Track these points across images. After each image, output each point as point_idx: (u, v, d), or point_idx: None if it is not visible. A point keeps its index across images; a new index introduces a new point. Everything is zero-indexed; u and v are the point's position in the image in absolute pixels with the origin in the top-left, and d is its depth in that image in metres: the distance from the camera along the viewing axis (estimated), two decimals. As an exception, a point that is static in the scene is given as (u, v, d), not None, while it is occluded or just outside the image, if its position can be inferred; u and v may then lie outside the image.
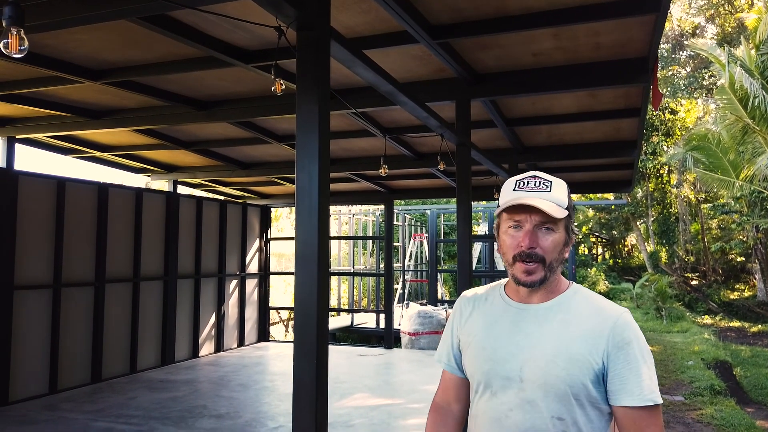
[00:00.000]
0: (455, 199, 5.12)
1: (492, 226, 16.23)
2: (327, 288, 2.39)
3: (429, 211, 14.84)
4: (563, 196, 1.47)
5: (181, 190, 9.56)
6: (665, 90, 23.03)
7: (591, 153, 7.04)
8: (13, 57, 2.20)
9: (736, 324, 18.95)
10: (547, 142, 7.00)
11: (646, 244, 25.19)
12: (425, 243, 16.00)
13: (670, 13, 21.88)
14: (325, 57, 2.42)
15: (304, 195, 2.36)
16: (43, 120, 6.15)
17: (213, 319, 9.64)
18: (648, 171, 21.89)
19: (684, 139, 19.87)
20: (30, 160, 43.45)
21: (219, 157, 8.06)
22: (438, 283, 15.39)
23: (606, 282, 23.41)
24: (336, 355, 9.26)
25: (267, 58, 4.07)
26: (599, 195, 24.34)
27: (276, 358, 9.38)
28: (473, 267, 8.70)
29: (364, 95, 4.89)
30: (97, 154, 7.72)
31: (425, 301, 14.58)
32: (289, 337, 16.09)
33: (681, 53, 26.42)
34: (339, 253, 17.03)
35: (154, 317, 8.44)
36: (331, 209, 15.10)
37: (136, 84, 4.95)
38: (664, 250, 24.43)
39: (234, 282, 10.23)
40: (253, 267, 10.77)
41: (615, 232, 28.16)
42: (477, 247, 15.78)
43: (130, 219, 8.07)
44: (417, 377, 7.89)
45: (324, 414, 2.29)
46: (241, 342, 10.32)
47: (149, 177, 9.24)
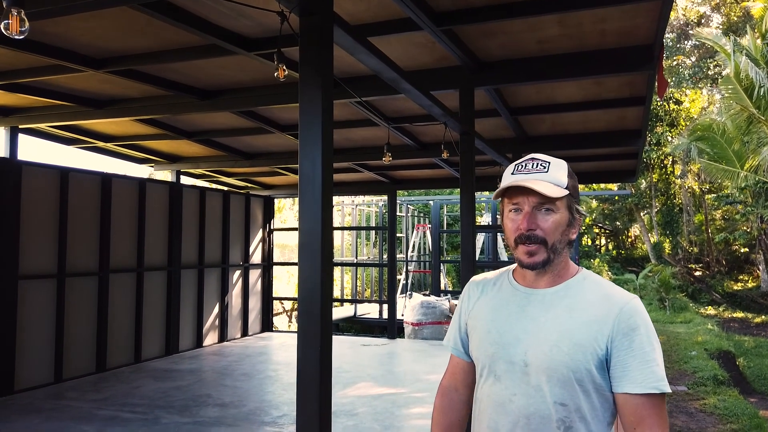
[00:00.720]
0: (458, 190, 5.10)
1: (495, 216, 16.20)
2: (331, 275, 2.38)
3: (432, 202, 14.83)
4: (562, 175, 1.45)
5: (184, 180, 9.56)
6: (670, 80, 22.89)
7: (595, 142, 7.00)
8: (14, 38, 2.18)
9: (739, 315, 18.93)
10: (551, 131, 6.96)
11: (649, 234, 25.14)
12: (428, 234, 16.00)
13: (675, 2, 21.71)
14: (329, 42, 2.40)
15: (307, 182, 2.35)
16: (46, 110, 6.14)
17: (217, 310, 9.67)
18: (652, 161, 21.81)
19: (688, 130, 19.77)
20: (33, 150, 43.53)
21: (222, 147, 8.04)
22: (441, 274, 15.40)
23: (609, 273, 23.38)
24: (339, 345, 9.28)
25: (269, 46, 4.05)
26: (603, 185, 24.27)
27: (279, 348, 9.41)
28: (476, 257, 8.69)
29: (367, 84, 4.86)
30: (100, 144, 7.72)
31: (428, 292, 14.60)
32: (293, 328, 16.15)
33: (686, 43, 26.24)
34: (342, 244, 17.04)
35: (158, 307, 8.47)
36: (334, 200, 15.06)
37: (138, 73, 4.93)
38: (667, 240, 24.38)
39: (237, 272, 10.24)
40: (257, 257, 10.78)
41: (618, 223, 28.09)
42: (480, 238, 15.77)
43: (133, 209, 8.07)
44: (420, 367, 7.91)
45: (328, 402, 2.29)
46: (245, 332, 10.35)
47: (152, 167, 9.23)
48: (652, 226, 25.08)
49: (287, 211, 24.71)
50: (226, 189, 10.33)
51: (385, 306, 11.62)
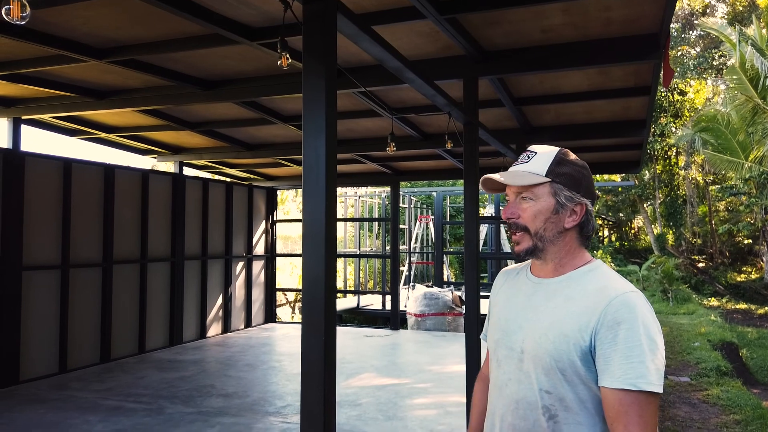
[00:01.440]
0: (461, 181, 5.10)
1: (498, 207, 16.23)
2: (334, 264, 2.38)
3: (435, 194, 14.80)
4: (543, 164, 1.47)
5: (187, 171, 9.56)
6: (675, 70, 22.75)
7: (599, 133, 6.95)
8: (16, 24, 2.16)
9: (742, 306, 18.92)
10: (556, 121, 6.92)
11: (653, 226, 25.09)
12: (431, 225, 15.99)
13: (680, -8, 21.54)
14: (332, 29, 2.38)
15: (310, 172, 2.33)
16: (49, 100, 6.13)
17: (220, 301, 9.69)
18: (656, 153, 21.72)
19: (693, 120, 19.67)
20: (36, 141, 43.58)
21: (224, 139, 8.03)
22: (444, 266, 15.41)
23: (612, 264, 23.37)
24: (342, 336, 9.30)
25: (272, 35, 4.02)
26: (606, 177, 24.20)
27: (283, 338, 9.44)
28: (479, 249, 8.68)
29: (370, 74, 4.83)
30: (103, 135, 7.71)
31: (431, 283, 14.61)
32: (296, 319, 16.20)
33: (691, 33, 26.05)
34: (345, 236, 17.05)
35: (161, 298, 8.49)
36: (337, 191, 15.05)
37: (140, 63, 4.91)
38: (671, 232, 24.33)
39: (241, 264, 10.26)
40: (260, 249, 10.80)
41: (621, 214, 28.04)
42: (483, 229, 15.75)
43: (136, 200, 8.08)
44: (423, 358, 7.92)
45: (332, 390, 2.29)
46: (249, 323, 10.38)
47: (155, 158, 9.22)
48: (655, 217, 25.02)
49: (290, 203, 24.72)
50: (228, 180, 10.33)
51: (388, 297, 11.64)
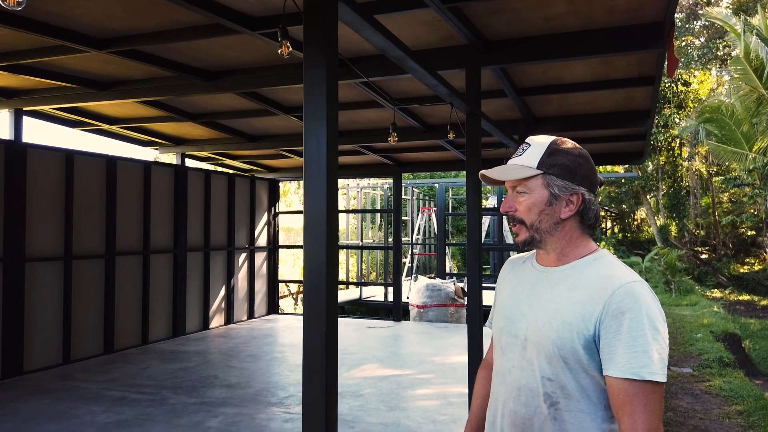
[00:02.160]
0: (464, 173, 5.06)
1: (501, 199, 16.24)
2: (335, 254, 2.37)
3: (437, 185, 14.78)
4: (533, 156, 1.47)
5: (189, 163, 9.55)
6: (679, 61, 22.61)
7: (603, 123, 6.92)
8: (13, 10, 2.15)
9: (745, 297, 18.90)
10: (559, 112, 6.89)
11: (656, 218, 25.03)
12: (434, 217, 15.97)
13: (684, -18, 21.39)
14: (333, 18, 2.36)
15: (312, 162, 2.32)
16: (50, 91, 6.11)
17: (223, 292, 9.71)
18: (659, 144, 21.63)
19: (696, 111, 19.58)
20: (38, 133, 43.58)
21: (226, 130, 8.01)
22: (446, 257, 15.40)
23: (615, 256, 23.39)
24: (345, 328, 9.33)
25: (273, 24, 4.00)
26: (609, 168, 24.11)
27: (286, 330, 9.46)
28: (482, 240, 8.67)
29: (372, 64, 4.81)
30: (105, 126, 7.70)
31: (433, 275, 14.62)
32: (299, 310, 16.23)
33: (695, 23, 25.87)
34: (347, 227, 17.05)
35: (164, 290, 8.51)
36: (339, 183, 15.08)
37: (141, 53, 4.89)
38: (674, 223, 24.28)
39: (243, 255, 10.27)
40: (262, 240, 10.80)
41: (624, 205, 27.97)
42: (486, 221, 15.74)
43: (138, 192, 8.08)
44: (425, 349, 7.94)
45: (333, 380, 2.29)
46: (251, 314, 10.41)
47: (157, 150, 9.22)
48: (658, 209, 24.97)
49: (292, 195, 24.71)
50: (230, 172, 10.32)
51: (391, 289, 11.65)
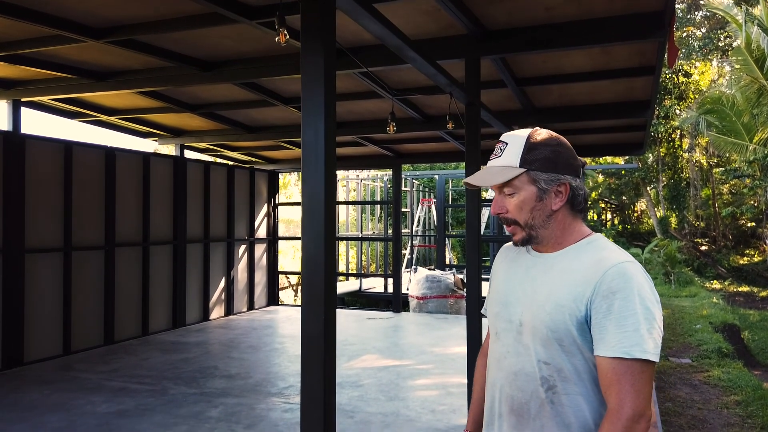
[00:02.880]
0: (464, 164, 5.04)
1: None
2: (334, 242, 2.37)
3: (437, 177, 14.75)
4: (513, 155, 1.45)
5: (188, 155, 9.53)
6: (680, 52, 22.52)
7: (603, 114, 6.89)
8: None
9: (744, 289, 18.93)
10: (558, 102, 6.87)
11: (655, 209, 25.03)
12: (433, 208, 15.96)
13: (686, -28, 21.27)
14: (331, 6, 2.34)
15: (310, 151, 2.32)
16: (48, 82, 6.08)
17: (223, 283, 9.72)
18: (660, 135, 21.59)
19: (697, 103, 19.52)
20: (36, 124, 43.49)
21: (225, 121, 7.99)
22: (446, 249, 15.41)
23: (608, 239, 23.40)
24: (345, 319, 9.35)
25: (271, 14, 3.96)
26: (609, 159, 24.08)
27: (285, 321, 9.48)
28: (482, 232, 8.67)
29: (371, 53, 4.78)
30: (103, 117, 7.67)
31: (433, 266, 14.63)
32: (299, 302, 16.26)
33: (696, 13, 25.75)
34: (347, 219, 17.05)
35: (164, 281, 8.52)
36: (339, 175, 15.07)
37: (138, 43, 4.86)
38: (674, 215, 24.28)
39: (243, 247, 10.28)
40: (262, 232, 10.80)
41: (625, 197, 27.96)
42: (485, 213, 15.72)
43: (138, 183, 8.07)
44: (425, 339, 7.96)
45: (332, 369, 2.30)
46: (251, 306, 10.43)
47: (156, 141, 9.19)
48: (658, 200, 24.96)
49: (292, 187, 24.69)
50: (230, 163, 10.30)
51: (390, 280, 11.66)
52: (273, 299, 11.08)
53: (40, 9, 4.10)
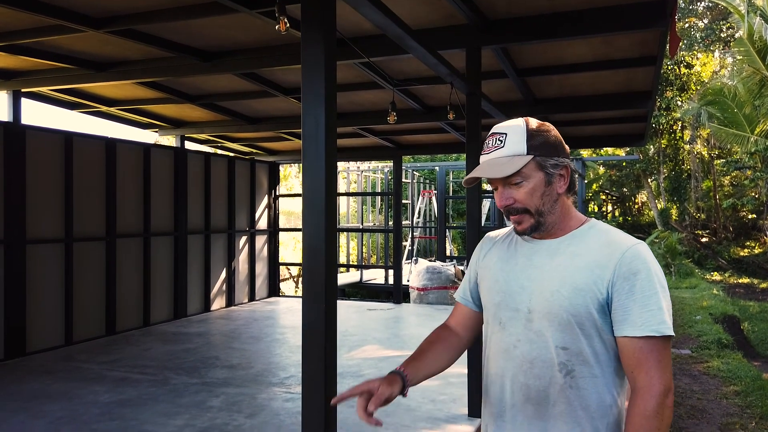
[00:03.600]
0: (464, 155, 5.01)
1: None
2: (334, 231, 2.37)
3: (438, 168, 14.74)
4: (519, 142, 1.44)
5: (189, 146, 9.52)
6: (681, 43, 22.41)
7: (604, 105, 6.88)
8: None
9: (745, 280, 18.95)
10: (559, 93, 6.85)
11: (656, 201, 25.01)
12: (434, 200, 15.96)
13: (688, -38, 21.13)
14: (331, -6, 2.34)
15: (310, 140, 2.32)
16: (48, 72, 6.07)
17: (224, 275, 9.74)
18: (661, 127, 21.53)
19: (699, 94, 19.46)
20: (37, 115, 43.40)
21: (226, 112, 7.97)
22: (446, 240, 15.42)
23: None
24: (345, 310, 9.37)
25: (272, 3, 3.94)
26: (610, 151, 24.04)
27: (287, 312, 9.51)
28: (482, 223, 8.66)
29: (371, 44, 4.76)
30: (103, 108, 7.66)
31: (434, 258, 14.65)
32: (299, 293, 16.30)
33: (698, 4, 25.61)
34: (348, 211, 17.05)
35: (165, 272, 8.54)
36: (339, 166, 15.05)
37: (138, 33, 4.85)
38: (674, 207, 24.27)
39: (244, 238, 10.29)
40: (263, 223, 10.81)
41: (625, 189, 27.94)
42: (486, 204, 15.72)
43: (138, 174, 8.07)
44: (425, 330, 7.93)
45: (333, 357, 2.31)
46: (252, 297, 10.45)
47: (156, 132, 9.18)
48: (659, 192, 24.93)
49: (293, 179, 24.68)
50: (231, 155, 10.29)
51: (391, 271, 11.68)
52: (274, 290, 11.11)
53: (39, -1, 4.09)
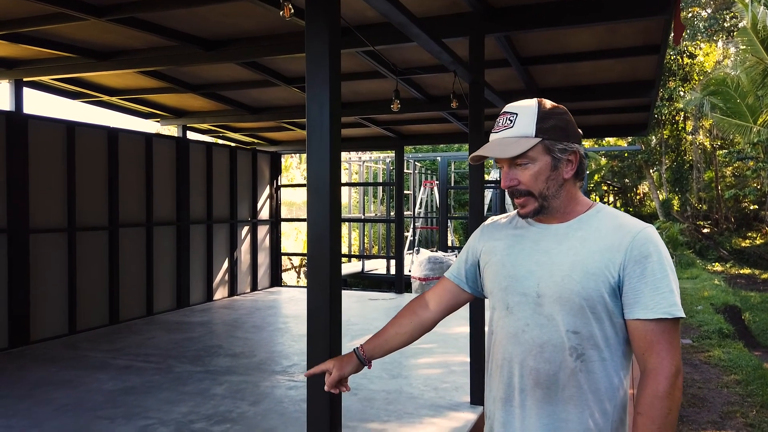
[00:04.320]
0: (467, 146, 5.02)
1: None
2: (338, 218, 2.38)
3: (439, 158, 14.72)
4: (528, 124, 1.44)
5: (191, 136, 9.51)
6: (684, 33, 22.28)
7: (607, 94, 6.86)
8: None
9: (746, 271, 18.96)
10: (562, 82, 6.83)
11: (658, 192, 24.98)
12: (436, 190, 15.95)
13: (692, -49, 20.98)
14: (336, -21, 2.32)
15: (315, 128, 2.32)
16: (49, 62, 6.06)
17: (226, 264, 9.76)
18: (663, 117, 21.46)
19: (702, 84, 19.37)
20: (39, 105, 43.35)
21: (228, 102, 7.96)
22: (448, 231, 15.43)
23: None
24: (347, 300, 9.39)
25: (274, -10, 3.94)
26: (612, 141, 23.97)
27: (289, 301, 9.54)
28: (484, 213, 8.67)
29: (375, 32, 4.74)
30: (105, 98, 7.65)
31: (435, 248, 14.67)
32: (301, 283, 16.34)
33: (702, -6, 25.40)
34: (350, 201, 17.05)
35: (168, 261, 8.56)
36: (342, 156, 14.99)
37: (140, 21, 4.83)
38: (676, 198, 24.24)
39: (246, 228, 10.30)
40: (265, 214, 10.82)
41: (627, 180, 27.89)
42: (488, 194, 15.72)
43: (140, 164, 8.07)
44: (427, 320, 7.99)
45: (337, 344, 2.32)
46: (254, 287, 10.48)
47: (158, 122, 9.17)
48: (661, 183, 24.90)
49: (294, 170, 24.67)
50: (232, 145, 10.28)
51: (393, 262, 11.70)
52: (276, 280, 11.14)
53: (41, -14, 4.08)
